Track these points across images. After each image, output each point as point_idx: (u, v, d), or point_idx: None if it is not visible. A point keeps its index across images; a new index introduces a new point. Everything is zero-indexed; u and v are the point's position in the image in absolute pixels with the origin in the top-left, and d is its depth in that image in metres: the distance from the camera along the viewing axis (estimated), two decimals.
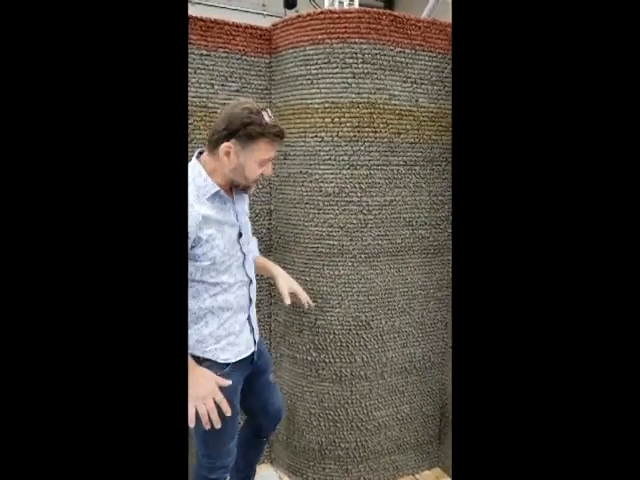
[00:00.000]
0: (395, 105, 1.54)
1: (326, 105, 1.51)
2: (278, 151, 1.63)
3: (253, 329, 1.29)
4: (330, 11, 1.48)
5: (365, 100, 1.50)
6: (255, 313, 1.33)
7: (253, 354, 1.30)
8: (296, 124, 1.56)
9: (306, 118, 1.53)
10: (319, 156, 1.54)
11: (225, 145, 1.09)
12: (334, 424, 1.68)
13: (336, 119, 1.51)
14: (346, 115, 1.50)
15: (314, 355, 1.64)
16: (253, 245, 1.38)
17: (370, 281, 1.61)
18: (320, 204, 1.56)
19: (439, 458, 1.88)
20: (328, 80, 1.50)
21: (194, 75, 1.52)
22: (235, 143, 1.09)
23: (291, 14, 1.56)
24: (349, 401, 1.66)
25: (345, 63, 1.48)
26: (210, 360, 1.19)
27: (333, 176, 1.54)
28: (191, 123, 1.53)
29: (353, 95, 1.50)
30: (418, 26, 1.53)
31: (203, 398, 1.10)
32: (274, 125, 1.11)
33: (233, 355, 1.22)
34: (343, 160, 1.53)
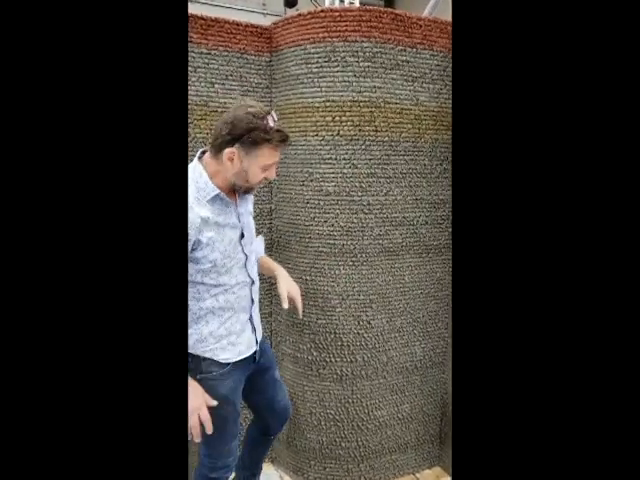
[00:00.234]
0: (396, 104, 1.54)
1: (327, 104, 1.50)
2: None
3: (255, 329, 1.29)
4: (331, 9, 1.47)
5: (366, 99, 1.50)
6: (258, 313, 1.33)
7: (255, 353, 1.30)
8: (297, 123, 1.55)
9: (307, 117, 1.53)
10: (320, 155, 1.54)
11: (229, 151, 1.08)
12: (335, 423, 1.67)
13: (337, 118, 1.50)
14: (347, 114, 1.50)
15: (315, 354, 1.64)
16: (258, 245, 1.38)
17: (371, 280, 1.61)
18: (321, 203, 1.56)
19: (440, 457, 1.88)
20: (329, 79, 1.49)
21: (194, 74, 1.51)
22: (239, 149, 1.07)
23: (292, 13, 1.56)
24: (350, 400, 1.66)
25: (346, 62, 1.48)
26: (210, 359, 1.19)
27: (334, 175, 1.53)
28: (191, 122, 1.53)
29: (354, 94, 1.49)
30: (419, 24, 1.53)
31: (190, 413, 1.10)
32: (279, 130, 1.09)
33: (233, 355, 1.22)
34: (344, 159, 1.52)
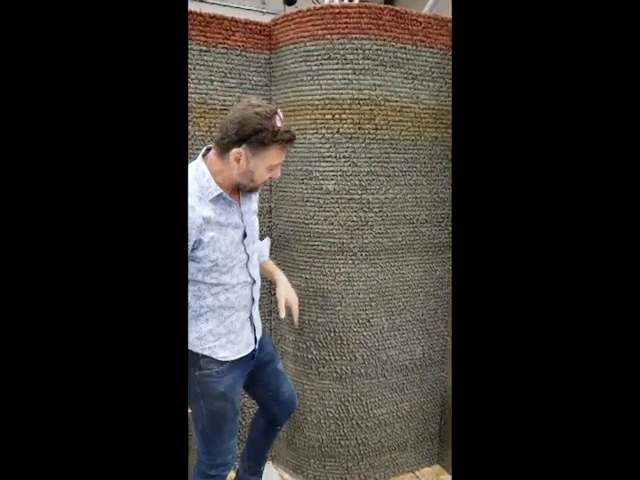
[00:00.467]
0: (396, 102, 1.53)
1: (326, 101, 1.49)
2: None
3: (255, 328, 1.29)
4: (330, 6, 1.46)
5: (366, 96, 1.49)
6: (258, 312, 1.33)
7: (253, 351, 1.30)
8: (296, 121, 1.55)
9: (306, 115, 1.52)
10: (319, 153, 1.53)
11: (236, 151, 1.07)
12: (335, 422, 1.67)
13: (336, 116, 1.49)
14: (347, 112, 1.49)
15: (315, 353, 1.64)
16: (263, 246, 1.37)
17: (371, 279, 1.60)
18: (320, 201, 1.55)
19: (439, 455, 1.88)
20: (328, 76, 1.48)
21: (193, 71, 1.50)
22: (246, 149, 1.07)
23: (291, 10, 1.55)
24: (350, 399, 1.66)
25: (346, 59, 1.47)
26: (209, 357, 1.19)
27: (333, 173, 1.53)
28: (190, 120, 1.52)
29: (354, 91, 1.48)
30: (419, 21, 1.52)
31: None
32: (286, 130, 1.09)
33: (232, 353, 1.22)
34: (344, 157, 1.52)
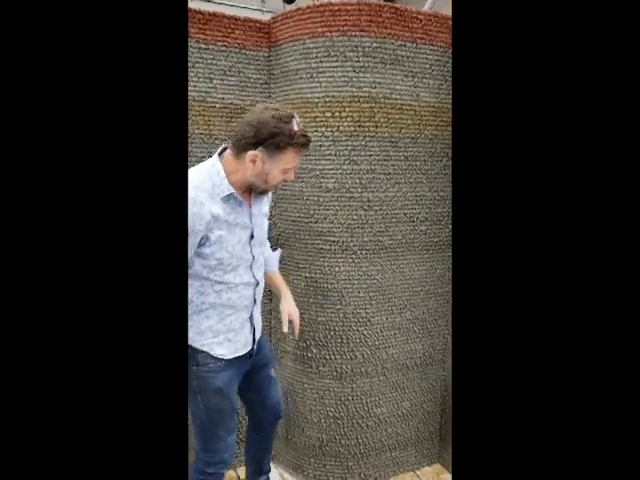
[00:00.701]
0: (396, 99, 1.52)
1: (326, 99, 1.49)
2: None
3: (255, 329, 1.30)
4: (330, 4, 1.46)
5: (366, 94, 1.48)
6: (259, 313, 1.33)
7: (251, 350, 1.30)
8: None
9: (306, 112, 1.52)
10: (319, 151, 1.52)
11: (252, 153, 1.09)
12: (335, 421, 1.67)
13: (336, 113, 1.49)
14: (346, 109, 1.48)
15: (314, 352, 1.63)
16: (273, 257, 1.40)
17: (371, 277, 1.60)
18: (320, 200, 1.55)
19: (439, 454, 1.88)
20: (328, 74, 1.48)
21: (192, 69, 1.50)
22: (262, 152, 1.09)
23: (290, 8, 1.54)
24: (350, 398, 1.66)
25: (345, 57, 1.46)
26: (206, 352, 1.20)
27: (333, 171, 1.52)
28: (189, 118, 1.51)
29: (353, 89, 1.48)
30: (419, 19, 1.51)
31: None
32: (303, 134, 1.11)
33: (229, 352, 1.23)
34: (343, 155, 1.51)
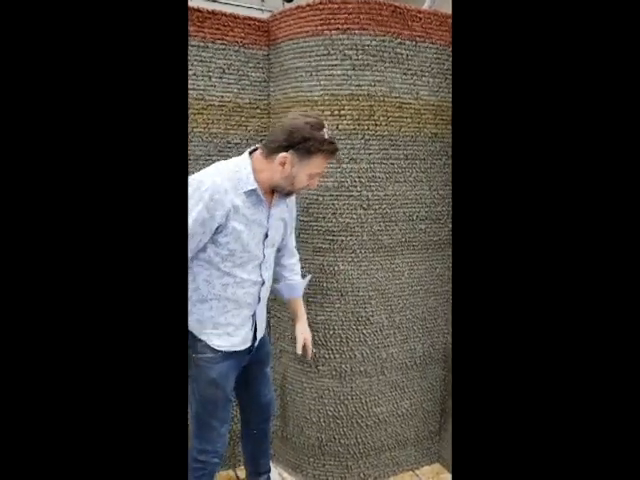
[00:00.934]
0: (395, 98, 1.52)
1: (325, 97, 1.48)
2: None
3: (256, 327, 1.31)
4: (330, 1, 1.45)
5: (365, 92, 1.48)
6: (264, 312, 1.36)
7: (251, 347, 1.31)
8: None
9: (305, 111, 1.51)
10: None
11: (282, 155, 1.13)
12: (334, 420, 1.67)
13: (335, 112, 1.48)
14: (346, 108, 1.48)
15: (314, 351, 1.62)
16: (300, 284, 1.45)
17: (370, 276, 1.59)
18: (319, 199, 1.54)
19: (439, 454, 1.87)
20: (327, 72, 1.47)
21: (191, 67, 1.49)
22: (292, 155, 1.14)
23: (290, 6, 1.54)
24: (349, 397, 1.65)
25: (345, 55, 1.46)
26: (205, 342, 1.23)
27: (333, 170, 1.52)
28: (188, 116, 1.51)
29: (353, 87, 1.47)
30: (419, 17, 1.51)
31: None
32: (331, 142, 1.16)
33: (227, 345, 1.25)
34: (343, 154, 1.50)
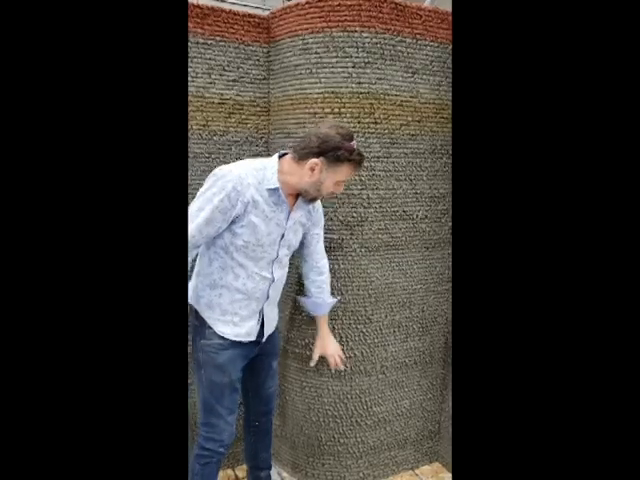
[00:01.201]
0: (396, 96, 1.51)
1: (325, 95, 1.47)
2: (275, 142, 1.61)
3: (264, 323, 1.33)
4: None
5: (365, 90, 1.47)
6: (274, 310, 1.38)
7: (257, 340, 1.33)
8: (295, 115, 1.53)
9: (305, 108, 1.50)
10: None
11: (313, 161, 1.19)
12: (333, 419, 1.66)
13: (336, 110, 1.47)
14: (346, 105, 1.47)
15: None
16: (329, 305, 1.47)
17: (370, 275, 1.59)
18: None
19: (439, 453, 1.87)
20: (327, 70, 1.46)
21: (190, 64, 1.48)
22: (322, 161, 1.19)
23: (289, 3, 1.53)
24: (349, 396, 1.65)
25: (345, 52, 1.45)
26: (211, 328, 1.27)
27: None
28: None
29: (353, 85, 1.46)
30: (420, 14, 1.50)
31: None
32: (360, 153, 1.23)
33: (231, 333, 1.28)
34: None
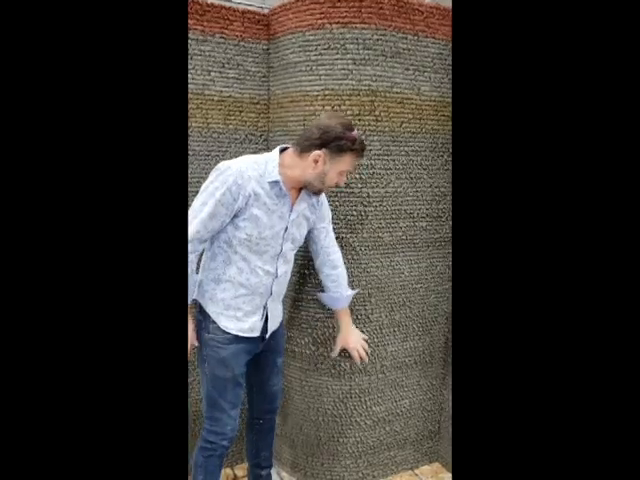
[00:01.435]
0: (397, 93, 1.50)
1: (326, 92, 1.46)
2: (275, 140, 1.60)
3: (267, 319, 1.33)
4: None
5: (366, 88, 1.46)
6: (278, 306, 1.38)
7: (261, 336, 1.33)
8: (295, 112, 1.52)
9: (305, 106, 1.49)
10: None
11: (316, 153, 1.20)
12: (333, 419, 1.65)
13: (336, 107, 1.46)
14: (346, 103, 1.46)
15: (313, 349, 1.61)
16: (348, 296, 1.46)
17: (370, 274, 1.58)
18: None
19: (438, 453, 1.86)
20: (328, 67, 1.45)
21: (190, 61, 1.47)
22: (325, 152, 1.20)
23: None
24: (348, 396, 1.64)
25: (345, 49, 1.44)
26: (215, 322, 1.27)
27: None
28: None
29: (354, 82, 1.45)
30: (421, 11, 1.49)
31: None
32: (361, 142, 1.23)
33: (234, 328, 1.27)
34: None
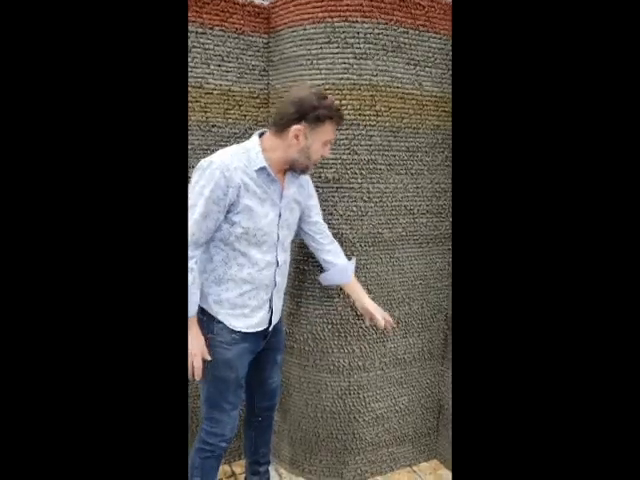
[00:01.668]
0: (398, 88, 1.49)
1: (326, 87, 1.45)
2: None
3: (272, 311, 1.32)
4: None
5: (367, 82, 1.45)
6: (281, 297, 1.36)
7: (266, 330, 1.32)
8: None
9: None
10: None
11: (295, 128, 1.16)
12: (331, 415, 1.65)
13: (336, 102, 1.45)
14: (347, 97, 1.45)
15: (312, 345, 1.61)
16: (349, 267, 1.43)
17: (369, 270, 1.57)
18: (319, 190, 1.51)
19: (437, 450, 1.86)
20: (328, 61, 1.44)
21: (189, 54, 1.46)
22: (305, 126, 1.17)
23: None
24: (347, 392, 1.63)
25: (346, 43, 1.42)
26: (222, 323, 1.25)
27: (333, 161, 1.49)
28: None
29: (354, 77, 1.44)
30: (422, 5, 1.48)
31: (194, 355, 1.20)
32: (337, 108, 1.22)
33: (244, 325, 1.26)
34: (343, 144, 1.48)
